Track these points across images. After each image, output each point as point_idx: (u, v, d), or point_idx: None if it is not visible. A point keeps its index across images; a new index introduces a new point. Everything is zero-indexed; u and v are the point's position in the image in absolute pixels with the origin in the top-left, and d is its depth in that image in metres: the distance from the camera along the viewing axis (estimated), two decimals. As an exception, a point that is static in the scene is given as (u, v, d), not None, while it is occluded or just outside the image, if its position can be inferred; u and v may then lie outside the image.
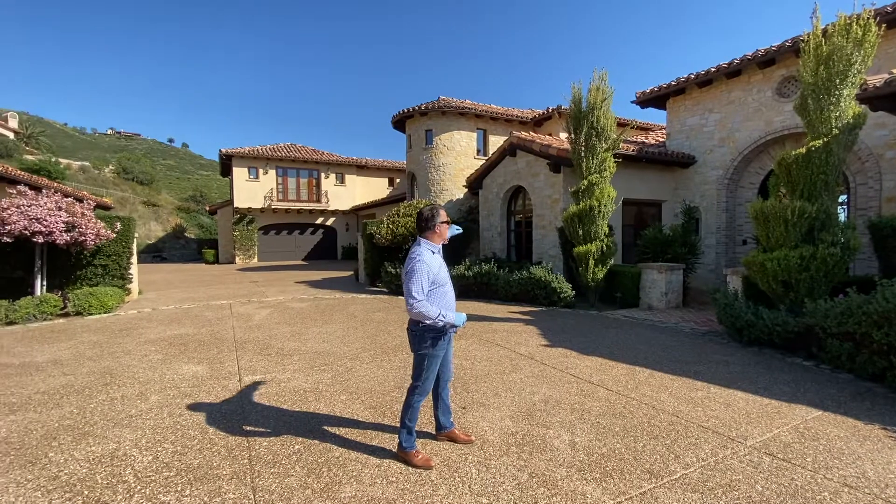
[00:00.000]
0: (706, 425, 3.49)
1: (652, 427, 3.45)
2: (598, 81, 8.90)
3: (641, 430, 3.39)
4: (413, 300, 2.70)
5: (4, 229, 8.03)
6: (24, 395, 4.20)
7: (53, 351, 5.89)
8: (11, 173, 11.28)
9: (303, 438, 3.27)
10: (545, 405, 3.87)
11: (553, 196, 11.10)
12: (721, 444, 3.18)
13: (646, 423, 3.51)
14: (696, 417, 3.64)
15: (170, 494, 2.57)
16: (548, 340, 6.19)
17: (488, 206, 14.11)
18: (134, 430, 3.44)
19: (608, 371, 4.84)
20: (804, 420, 3.60)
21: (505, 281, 9.76)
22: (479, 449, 3.09)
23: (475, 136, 16.71)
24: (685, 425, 3.49)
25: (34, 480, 2.73)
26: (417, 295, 2.71)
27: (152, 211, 38.39)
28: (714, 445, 3.16)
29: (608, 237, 8.99)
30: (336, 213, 27.60)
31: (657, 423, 3.52)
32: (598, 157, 8.85)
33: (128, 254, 10.63)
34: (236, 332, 6.91)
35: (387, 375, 4.70)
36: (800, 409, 3.83)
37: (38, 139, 45.00)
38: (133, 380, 4.66)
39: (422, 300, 2.72)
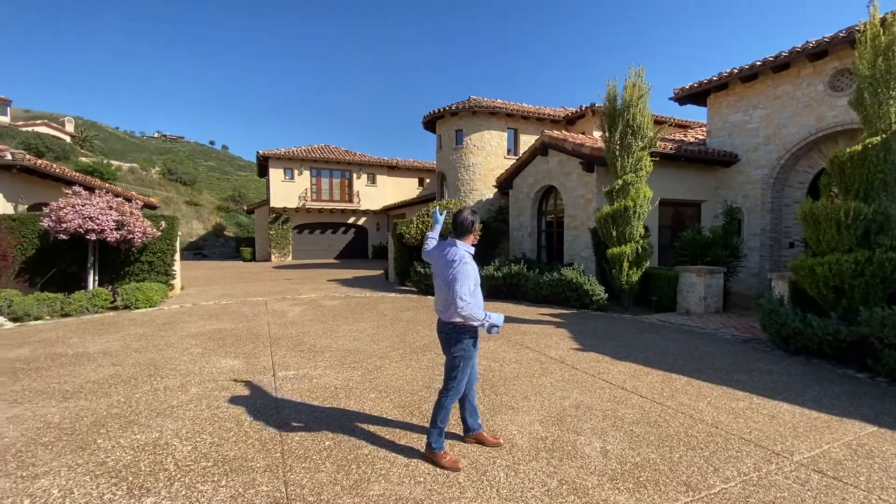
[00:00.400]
0: (748, 438, 3.32)
1: (689, 437, 3.31)
2: (635, 78, 8.65)
3: (678, 440, 3.26)
4: (463, 302, 2.69)
5: (61, 227, 8.58)
6: (77, 384, 4.47)
7: (103, 342, 6.24)
8: (67, 175, 12.04)
9: (333, 435, 3.32)
10: (576, 410, 3.79)
11: (586, 196, 10.86)
12: (765, 459, 3.02)
13: (682, 433, 3.38)
14: (736, 429, 3.47)
15: (207, 484, 2.67)
16: (579, 344, 6.07)
17: (518, 206, 13.97)
18: (175, 420, 3.60)
19: (642, 377, 4.69)
20: (857, 436, 3.37)
21: (535, 282, 9.64)
22: (508, 453, 3.06)
23: (506, 136, 16.59)
24: (725, 437, 3.33)
25: (83, 465, 2.89)
26: (465, 297, 2.70)
27: (194, 210, 40.14)
28: (757, 459, 3.01)
29: (644, 238, 8.72)
30: (367, 212, 28.03)
31: (695, 434, 3.37)
32: (633, 156, 8.61)
33: (171, 251, 11.14)
34: (271, 328, 7.12)
35: (415, 375, 4.73)
36: (852, 423, 3.59)
37: (92, 142, 47.84)
38: (175, 372, 4.87)
39: (470, 302, 2.71)
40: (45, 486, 2.65)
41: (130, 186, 33.20)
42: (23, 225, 9.53)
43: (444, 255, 2.90)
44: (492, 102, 16.15)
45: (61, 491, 2.60)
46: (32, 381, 4.55)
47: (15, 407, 3.86)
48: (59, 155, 33.70)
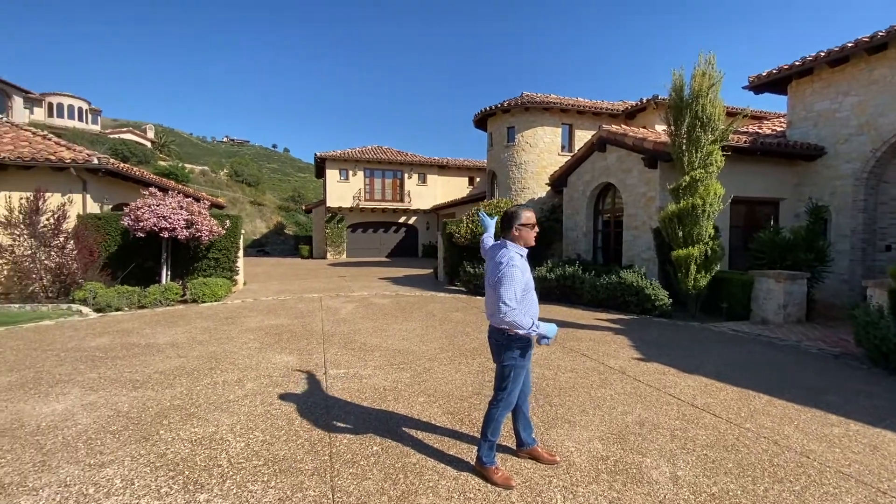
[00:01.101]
0: (847, 472, 2.87)
1: (775, 467, 2.91)
2: (705, 66, 7.96)
3: (761, 470, 2.87)
4: (506, 307, 2.48)
5: (139, 225, 9.28)
6: (146, 374, 4.74)
7: (172, 334, 6.63)
8: (145, 177, 13.05)
9: (381, 439, 3.25)
10: (640, 428, 3.47)
11: (648, 194, 10.21)
12: (869, 498, 2.58)
13: (766, 462, 2.98)
14: (832, 460, 3.01)
15: (257, 484, 2.67)
16: (641, 354, 5.65)
17: (573, 204, 13.43)
18: (231, 415, 3.69)
19: (715, 394, 4.25)
20: None
21: (591, 285, 9.18)
22: (565, 472, 2.83)
23: (560, 132, 16.06)
24: (819, 469, 2.90)
25: (145, 456, 3.00)
26: (511, 302, 2.49)
27: (258, 210, 42.52)
28: (859, 498, 2.58)
29: (713, 240, 8.03)
30: (417, 212, 28.31)
31: (781, 463, 2.97)
32: (702, 150, 7.94)
33: (235, 248, 11.76)
34: (324, 325, 7.25)
35: (465, 380, 4.58)
36: None
37: (169, 147, 52.01)
38: (233, 366, 5.05)
39: (515, 308, 2.50)
40: (109, 475, 2.77)
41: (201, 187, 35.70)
42: (107, 223, 10.42)
43: (494, 257, 2.72)
44: (545, 98, 15.68)
45: (123, 481, 2.70)
46: (108, 370, 4.88)
47: (90, 394, 4.14)
48: (141, 159, 36.93)
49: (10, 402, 3.95)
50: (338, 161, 26.24)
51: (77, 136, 35.09)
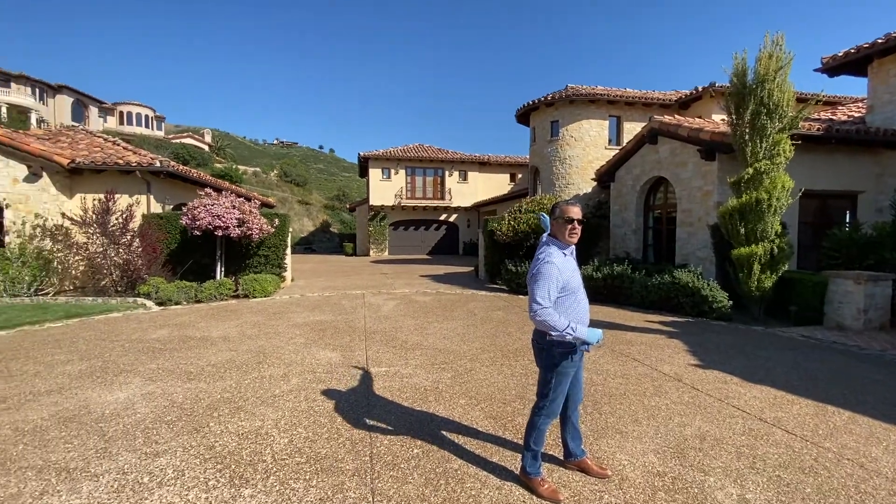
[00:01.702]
0: (956, 506, 2.48)
1: (862, 495, 2.57)
2: (772, 47, 7.33)
3: (846, 498, 2.54)
4: (537, 306, 2.32)
5: (195, 224, 9.77)
6: (199, 366, 4.94)
7: (224, 328, 6.91)
8: (202, 178, 13.77)
9: (422, 442, 3.17)
10: (700, 443, 3.19)
11: (704, 188, 9.57)
12: None
13: (852, 488, 2.64)
14: (935, 491, 2.62)
15: (299, 482, 2.67)
16: (699, 360, 5.26)
17: (621, 200, 12.85)
18: (276, 409, 3.75)
19: (786, 407, 3.85)
20: None
21: (642, 285, 8.71)
22: (618, 487, 2.63)
23: (607, 125, 15.43)
24: (919, 500, 2.53)
25: (196, 448, 3.09)
26: (543, 301, 2.33)
27: (305, 209, 44.05)
28: (976, 540, 2.21)
29: (780, 237, 7.39)
30: (458, 209, 28.24)
31: (870, 491, 2.62)
32: (768, 140, 7.32)
33: (283, 246, 12.17)
34: (367, 322, 7.32)
35: (507, 382, 4.43)
36: None
37: (224, 150, 54.93)
38: (280, 361, 5.17)
39: (547, 307, 2.33)
40: (162, 464, 2.86)
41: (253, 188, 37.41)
42: (168, 222, 11.07)
43: (535, 253, 2.57)
44: (591, 89, 15.11)
45: (175, 472, 2.78)
46: (166, 361, 5.13)
47: (149, 384, 4.35)
48: (199, 162, 39.22)
49: (80, 389, 4.22)
50: (380, 160, 26.65)
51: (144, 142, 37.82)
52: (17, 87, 38.11)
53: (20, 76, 38.38)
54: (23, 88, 38.59)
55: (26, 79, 38.84)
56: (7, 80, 37.59)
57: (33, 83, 39.53)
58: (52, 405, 3.81)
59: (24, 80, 38.75)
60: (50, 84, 41.47)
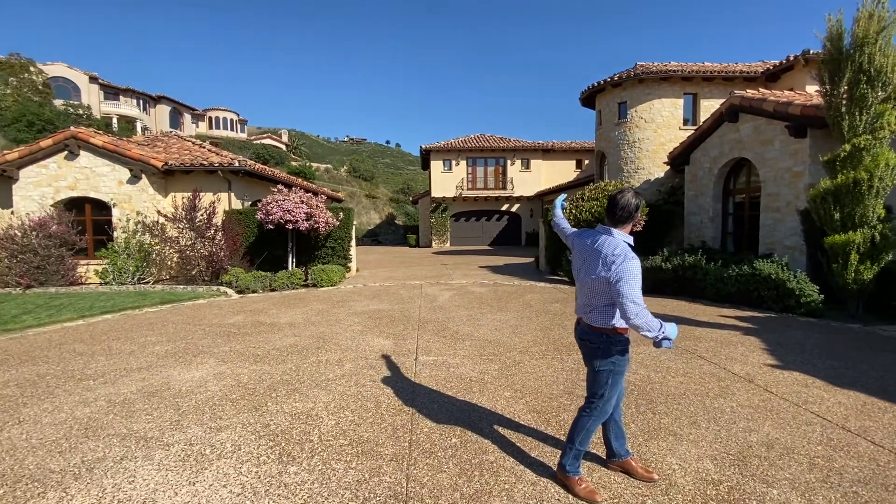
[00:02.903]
0: None
1: (972, 525, 2.18)
2: (872, 5, 6.33)
3: (948, 527, 2.17)
4: (636, 307, 2.16)
5: (269, 218, 10.52)
6: (266, 350, 5.34)
7: (292, 315, 7.40)
8: (276, 175, 14.77)
9: (461, 431, 3.19)
10: (767, 451, 2.88)
11: (794, 169, 8.54)
12: None
13: (958, 516, 2.25)
14: None
15: (340, 463, 2.80)
16: (777, 359, 4.74)
17: (697, 184, 11.85)
18: (328, 392, 3.96)
19: (876, 416, 3.36)
20: None
21: (716, 277, 8.01)
22: (663, 493, 2.46)
23: (681, 104, 14.26)
24: None
25: (253, 425, 3.35)
26: (640, 301, 2.18)
27: (372, 202, 45.71)
28: None
29: (884, 223, 6.41)
30: (520, 199, 27.71)
31: (984, 522, 2.21)
32: (869, 112, 6.36)
33: (348, 238, 12.73)
34: (421, 312, 7.46)
35: (556, 377, 4.30)
36: None
37: (300, 149, 58.45)
38: (337, 346, 5.44)
39: (644, 307, 2.18)
40: (223, 439, 3.14)
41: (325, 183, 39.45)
42: (246, 217, 12.03)
43: (596, 246, 2.36)
44: (663, 66, 14.00)
45: (233, 446, 3.04)
46: (238, 344, 5.61)
47: (221, 365, 4.78)
48: (277, 161, 42.12)
49: (164, 367, 4.74)
50: (441, 152, 26.83)
51: (229, 144, 41.32)
52: (124, 99, 43.29)
53: (127, 90, 43.50)
54: (129, 100, 43.74)
55: (132, 92, 43.96)
56: (116, 94, 42.81)
57: (137, 95, 44.64)
58: (141, 381, 4.33)
59: (130, 93, 43.88)
60: (151, 95, 46.60)
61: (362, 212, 42.75)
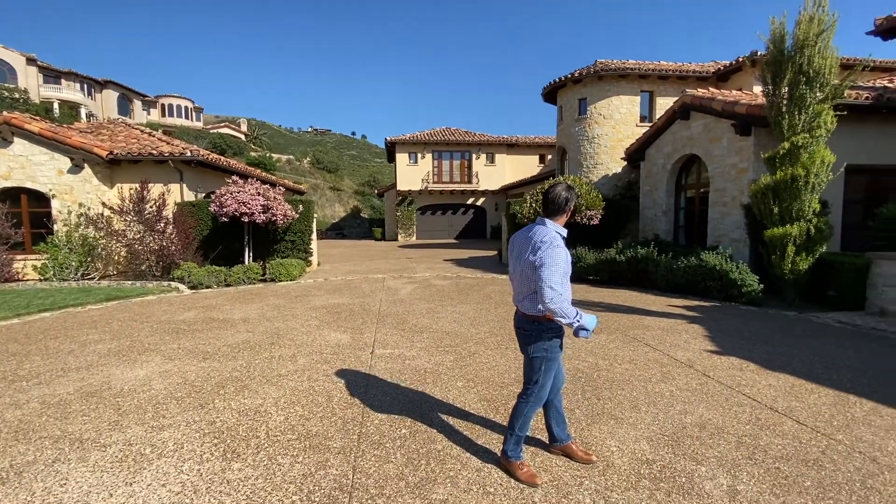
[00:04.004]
0: (978, 507, 2.27)
1: (868, 491, 2.40)
2: (813, 9, 6.73)
3: (848, 493, 2.38)
4: (552, 292, 2.22)
5: (223, 210, 10.14)
6: (216, 347, 5.17)
7: (246, 310, 7.19)
8: (231, 166, 14.23)
9: (411, 422, 3.21)
10: (700, 431, 3.06)
11: (739, 165, 9.01)
12: None
13: (857, 483, 2.46)
14: (957, 490, 2.41)
15: (286, 457, 2.76)
16: (717, 346, 5.02)
17: (651, 180, 12.31)
18: (279, 388, 3.88)
19: (803, 396, 3.63)
20: None
21: (666, 268, 8.38)
22: (601, 474, 2.57)
23: (638, 101, 14.74)
24: (935, 499, 2.33)
25: (198, 423, 3.25)
26: (557, 287, 2.23)
27: (336, 195, 44.91)
28: None
29: (819, 217, 6.89)
30: (486, 192, 27.96)
31: (877, 487, 2.43)
32: (808, 111, 6.78)
33: (309, 231, 12.47)
34: (382, 305, 7.43)
35: (509, 365, 4.39)
36: None
37: (260, 139, 56.54)
38: (291, 342, 5.33)
39: (562, 294, 2.25)
40: (165, 438, 3.03)
41: (286, 175, 38.41)
42: (199, 210, 11.55)
43: (529, 234, 2.45)
44: (622, 64, 14.42)
45: (175, 444, 2.94)
46: (187, 341, 5.40)
47: (168, 363, 4.60)
48: (236, 151, 40.60)
49: (106, 366, 4.51)
50: (407, 144, 26.65)
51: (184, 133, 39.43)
52: (66, 83, 40.40)
53: (69, 73, 40.63)
54: (72, 85, 40.87)
55: (75, 75, 41.09)
56: (58, 77, 39.91)
57: (82, 79, 41.77)
58: (79, 381, 4.10)
59: (74, 76, 41.01)
60: (97, 80, 43.72)
61: (326, 204, 41.95)
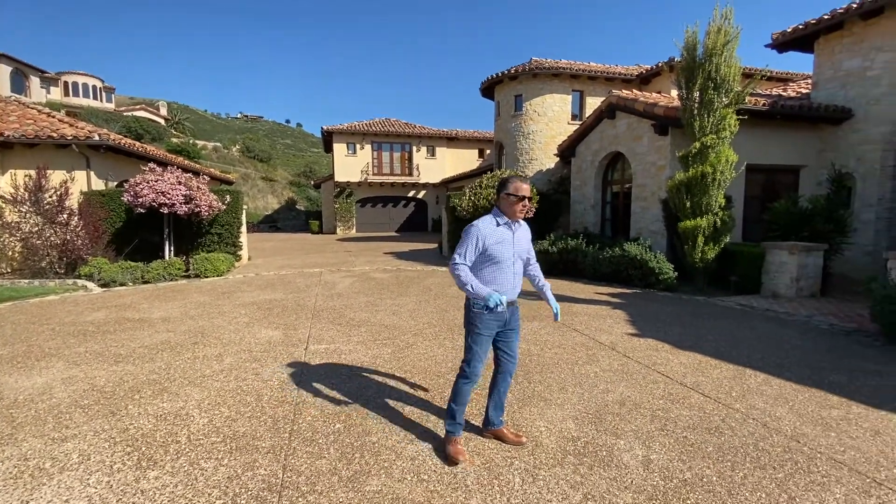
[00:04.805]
0: (840, 458, 2.66)
1: (759, 452, 2.72)
2: (720, 21, 7.36)
3: (743, 455, 2.68)
4: (451, 261, 2.54)
5: (138, 201, 9.29)
6: (131, 349, 4.74)
7: (167, 309, 6.66)
8: (148, 152, 13.03)
9: (346, 416, 3.16)
10: (620, 408, 3.30)
11: (658, 163, 9.73)
12: (861, 489, 2.37)
13: (751, 446, 2.78)
14: (825, 446, 2.80)
15: (210, 461, 2.61)
16: (636, 329, 5.42)
17: (581, 175, 12.97)
18: (202, 389, 3.65)
19: (708, 371, 4.03)
20: None
21: (594, 258, 8.89)
22: (530, 454, 2.69)
23: (570, 100, 15.41)
24: (808, 455, 2.69)
25: (108, 431, 2.97)
26: (458, 257, 2.53)
27: (269, 185, 42.72)
28: (850, 489, 2.37)
29: (724, 210, 7.62)
30: (427, 185, 27.96)
31: (767, 448, 2.77)
32: (715, 115, 7.44)
33: (238, 224, 11.77)
34: (318, 300, 7.21)
35: (446, 355, 4.45)
36: None
37: (183, 124, 52.19)
38: (217, 340, 5.02)
39: (460, 264, 2.51)
40: (68, 449, 2.74)
41: (213, 164, 35.92)
42: (111, 200, 10.49)
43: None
44: (555, 63, 14.98)
45: (80, 456, 2.67)
46: (96, 344, 4.91)
47: (72, 368, 4.15)
48: (154, 136, 37.20)
49: (-6, 375, 3.98)
50: (345, 134, 25.91)
51: (92, 115, 35.47)
52: (-57, 53, 34.76)
53: (-54, 41, 34.94)
54: (-49, 55, 35.25)
55: (-46, 45, 35.39)
56: (-69, 46, 34.17)
57: (-37, 50, 36.13)
58: (-42, 393, 3.58)
59: (-48, 46, 35.31)
60: (-18, 51, 37.97)
61: (258, 196, 39.83)
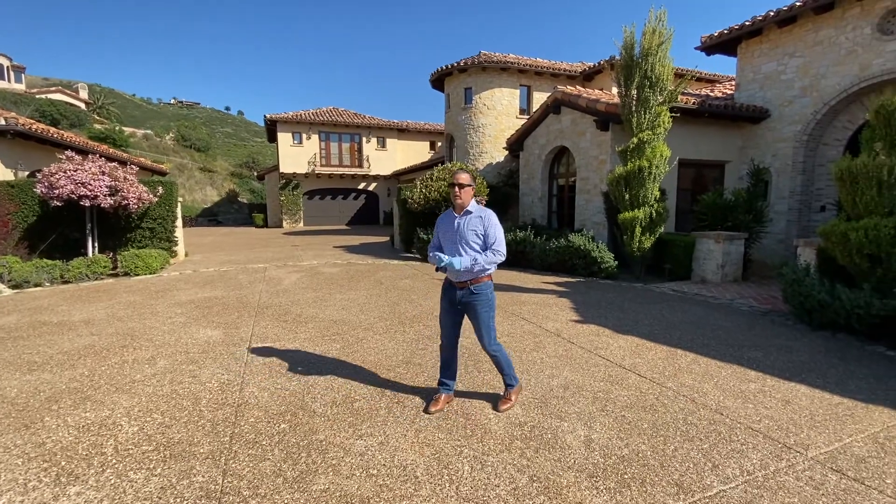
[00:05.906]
0: (756, 427, 2.92)
1: (688, 426, 2.93)
2: (655, 23, 7.75)
3: (674, 429, 2.89)
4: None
5: (53, 193, 8.42)
6: (48, 355, 4.32)
7: (91, 311, 6.12)
8: (65, 139, 11.84)
9: (291, 416, 3.06)
10: (564, 391, 3.43)
11: (599, 157, 10.15)
12: (774, 454, 2.62)
13: (681, 421, 3.00)
14: (744, 416, 3.07)
15: (140, 472, 2.43)
16: (580, 316, 5.66)
17: (529, 168, 13.28)
18: (132, 396, 3.39)
19: (644, 353, 4.29)
20: (886, 426, 2.93)
21: (541, 249, 9.16)
22: (479, 441, 2.74)
23: (518, 94, 15.69)
24: (730, 426, 2.94)
25: (21, 446, 2.69)
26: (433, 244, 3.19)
27: (208, 177, 40.25)
28: (764, 454, 2.61)
29: (659, 202, 8.09)
30: (378, 178, 27.52)
31: (695, 421, 2.99)
32: (651, 112, 7.85)
33: (172, 217, 10.98)
34: (262, 297, 6.91)
35: (397, 349, 4.43)
36: (881, 411, 3.14)
37: (107, 109, 47.87)
38: (150, 343, 4.69)
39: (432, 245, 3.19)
40: (-31, 470, 2.46)
41: (145, 153, 33.32)
42: (21, 191, 9.43)
43: None
44: (503, 57, 15.17)
45: (-15, 477, 2.40)
46: (5, 351, 4.42)
47: (-25, 379, 3.71)
48: (73, 122, 33.81)
49: None
50: (290, 123, 24.88)
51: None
52: None
53: None
54: None
55: None
56: None
57: None
58: None
59: None
60: None
61: (196, 187, 37.44)
